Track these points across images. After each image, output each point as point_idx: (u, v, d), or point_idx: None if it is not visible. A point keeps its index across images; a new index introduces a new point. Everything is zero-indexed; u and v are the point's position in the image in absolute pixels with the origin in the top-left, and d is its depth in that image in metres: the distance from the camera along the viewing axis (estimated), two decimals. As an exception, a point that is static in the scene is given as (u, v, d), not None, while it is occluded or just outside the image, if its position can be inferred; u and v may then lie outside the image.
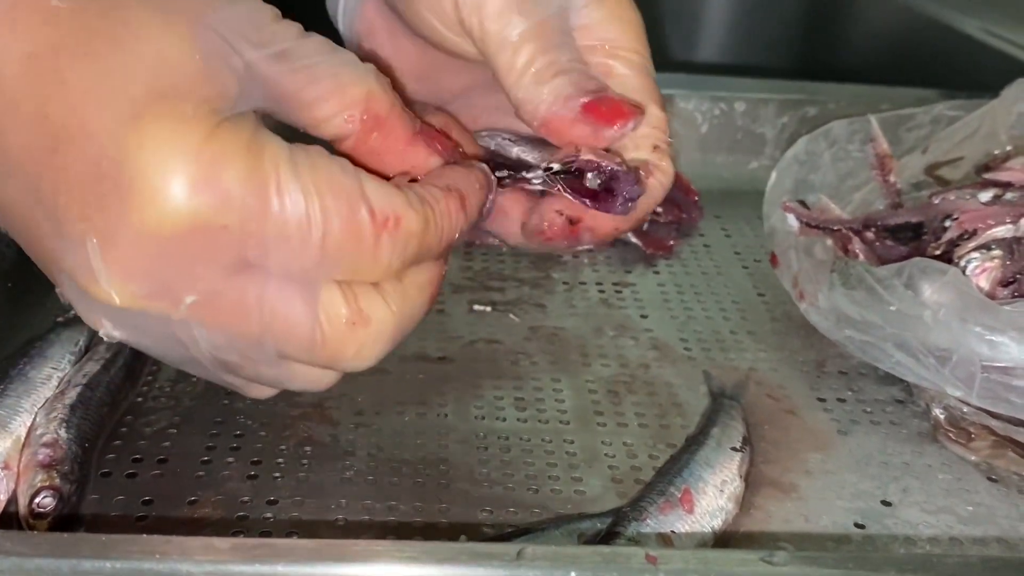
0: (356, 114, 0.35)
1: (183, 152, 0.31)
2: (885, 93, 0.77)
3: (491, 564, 0.31)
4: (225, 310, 0.34)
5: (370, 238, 0.33)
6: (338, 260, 0.33)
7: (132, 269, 0.32)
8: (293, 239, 0.32)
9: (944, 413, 0.48)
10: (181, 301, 0.33)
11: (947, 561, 0.33)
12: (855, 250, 0.54)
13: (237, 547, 0.30)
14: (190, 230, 0.31)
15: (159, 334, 0.35)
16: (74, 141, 0.31)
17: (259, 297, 0.34)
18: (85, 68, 0.31)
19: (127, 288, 0.32)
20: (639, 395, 0.51)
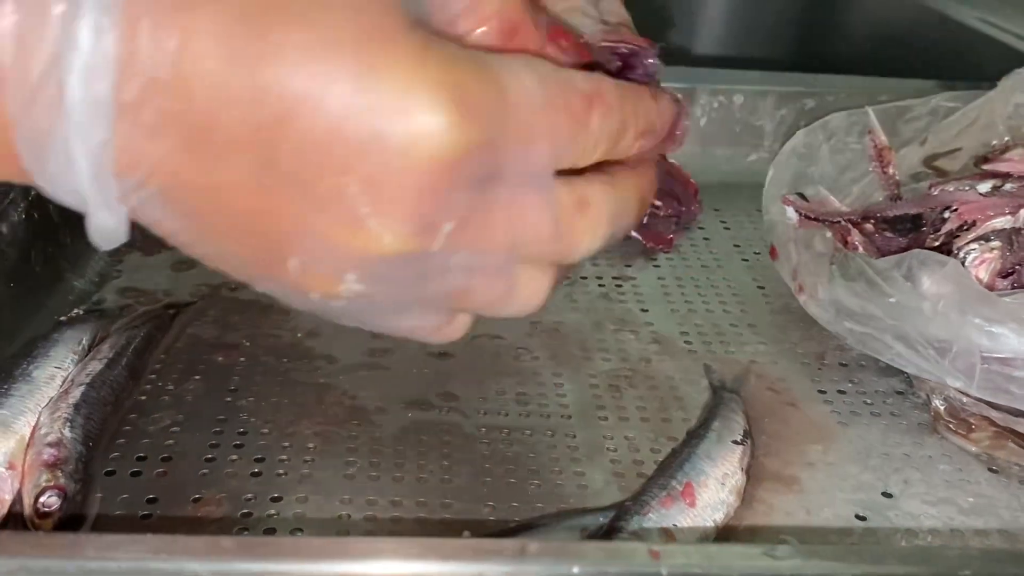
0: (495, 25, 0.36)
1: (432, 86, 0.31)
2: (883, 84, 0.77)
3: (494, 560, 0.31)
4: (479, 227, 0.34)
5: (583, 114, 0.34)
6: (565, 146, 0.34)
7: (401, 209, 0.32)
8: (529, 134, 0.33)
9: (944, 404, 0.48)
10: (440, 231, 0.33)
11: (948, 553, 0.34)
12: (854, 242, 0.55)
13: (242, 545, 0.31)
14: (455, 158, 0.32)
15: (407, 276, 0.35)
16: (307, 104, 0.31)
17: (508, 205, 0.34)
18: (290, 31, 0.31)
19: (398, 228, 0.32)
20: (640, 389, 0.51)
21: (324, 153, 0.31)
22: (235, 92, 0.31)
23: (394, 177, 0.32)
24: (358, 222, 0.32)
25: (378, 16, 0.32)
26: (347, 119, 0.31)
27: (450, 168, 0.32)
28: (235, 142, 0.31)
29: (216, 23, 0.30)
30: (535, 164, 0.34)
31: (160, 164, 0.32)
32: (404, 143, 0.31)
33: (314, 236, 0.33)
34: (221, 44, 0.30)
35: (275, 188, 0.32)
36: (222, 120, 0.31)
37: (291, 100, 0.31)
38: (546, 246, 0.36)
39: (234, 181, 0.32)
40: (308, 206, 0.32)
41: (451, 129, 0.31)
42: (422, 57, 0.31)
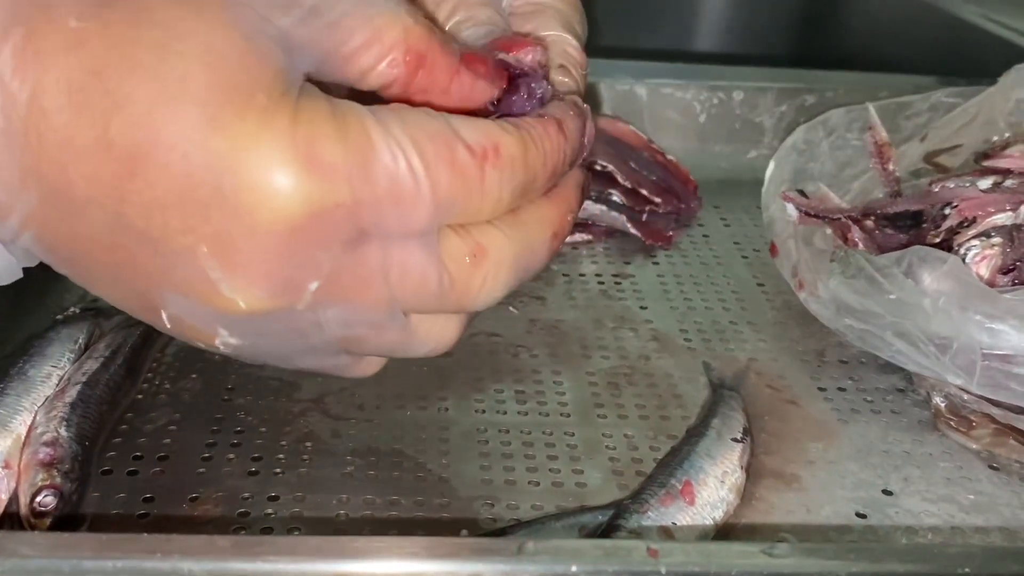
0: (398, 56, 0.33)
1: (278, 143, 0.30)
2: (883, 80, 0.77)
3: (492, 559, 0.31)
4: (349, 286, 0.33)
5: (475, 174, 0.32)
6: (450, 204, 0.32)
7: (253, 271, 0.31)
8: (403, 195, 0.31)
9: (945, 401, 0.48)
10: (305, 290, 0.32)
11: (949, 551, 0.33)
12: (854, 239, 0.54)
13: (239, 544, 0.30)
14: (306, 218, 0.30)
15: (280, 330, 0.34)
16: (152, 159, 0.30)
17: (383, 262, 0.33)
18: (138, 83, 0.30)
19: (251, 291, 0.31)
20: (639, 387, 0.51)
21: (171, 211, 0.30)
22: (83, 146, 0.30)
23: (241, 238, 0.30)
24: (211, 284, 0.31)
25: (234, 70, 0.30)
26: (191, 176, 0.30)
27: (301, 229, 0.30)
28: (86, 198, 0.30)
29: (66, 75, 0.30)
30: (414, 224, 0.32)
31: (29, 216, 0.31)
32: (248, 203, 0.30)
33: (174, 293, 0.32)
34: (71, 97, 0.30)
35: (129, 245, 0.31)
36: (72, 175, 0.30)
37: (136, 154, 0.30)
38: (436, 300, 0.35)
39: (91, 236, 0.31)
40: (162, 264, 0.31)
41: (298, 189, 0.30)
42: (273, 113, 0.30)
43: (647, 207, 0.66)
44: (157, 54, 0.30)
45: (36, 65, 0.30)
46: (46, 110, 0.30)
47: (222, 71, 0.30)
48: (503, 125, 0.34)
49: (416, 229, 0.33)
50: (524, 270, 0.36)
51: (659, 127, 0.73)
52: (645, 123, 0.73)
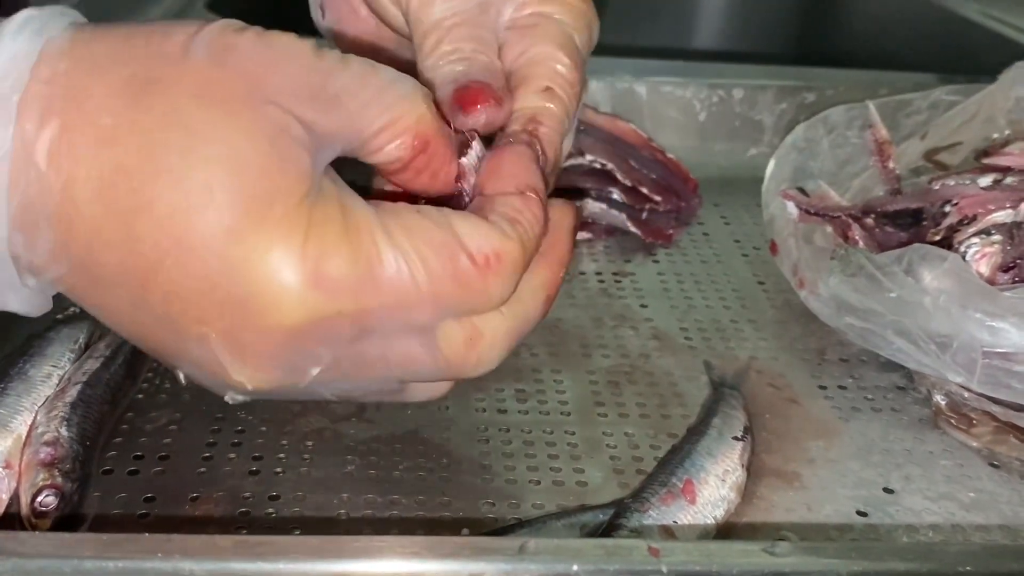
0: (407, 141, 0.36)
1: (289, 259, 0.32)
2: (883, 78, 0.77)
3: (494, 558, 0.31)
4: (350, 370, 0.35)
5: (477, 282, 0.34)
6: (451, 307, 0.35)
7: (260, 362, 0.34)
8: (405, 303, 0.33)
9: (945, 399, 0.48)
10: (307, 374, 0.35)
11: (950, 549, 0.33)
12: (855, 237, 0.54)
13: (239, 544, 0.30)
14: (310, 324, 0.33)
15: (284, 394, 0.37)
16: (173, 257, 0.32)
17: (382, 353, 0.35)
18: (162, 187, 0.31)
19: (257, 376, 0.34)
20: (640, 385, 0.51)
21: (188, 304, 0.33)
22: (110, 237, 0.32)
23: (249, 335, 0.33)
24: (221, 366, 0.34)
25: (255, 178, 0.32)
26: (208, 278, 0.32)
27: (305, 332, 0.33)
28: (112, 279, 0.33)
29: (96, 172, 0.31)
30: (414, 323, 0.34)
31: (60, 279, 0.34)
32: (258, 306, 0.32)
33: (188, 364, 0.35)
34: (100, 194, 0.32)
35: (148, 323, 0.34)
36: (100, 260, 0.32)
37: (159, 252, 0.32)
38: (431, 377, 0.37)
39: (116, 308, 0.34)
40: (178, 342, 0.34)
41: (303, 302, 0.32)
42: (287, 226, 0.32)
43: (647, 205, 0.65)
44: (183, 159, 0.31)
45: (70, 158, 0.31)
46: (77, 202, 0.32)
47: (244, 179, 0.32)
48: (503, 229, 0.35)
49: (416, 328, 0.35)
50: (518, 338, 0.38)
51: (659, 125, 0.73)
52: (645, 121, 0.73)
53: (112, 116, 0.31)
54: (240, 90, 0.32)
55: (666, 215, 0.66)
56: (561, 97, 0.41)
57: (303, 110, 0.33)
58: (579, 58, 0.42)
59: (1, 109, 0.31)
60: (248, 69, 0.33)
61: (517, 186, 0.37)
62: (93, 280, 0.33)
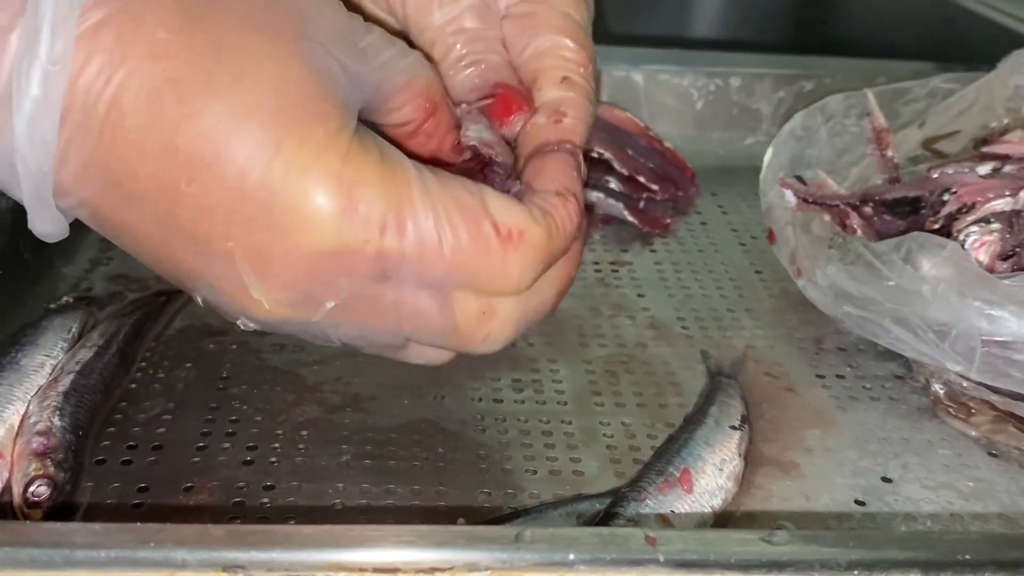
0: (421, 102, 0.38)
1: (327, 179, 0.33)
2: (881, 66, 0.76)
3: (490, 547, 0.30)
4: (362, 312, 0.36)
5: (497, 252, 0.35)
6: (467, 274, 0.35)
7: (280, 282, 0.34)
8: (426, 254, 0.34)
9: (944, 388, 0.48)
10: (322, 307, 0.35)
11: (948, 538, 0.33)
12: (853, 225, 0.54)
13: (232, 534, 0.30)
14: (336, 250, 0.33)
15: (293, 329, 0.37)
16: (212, 170, 0.32)
17: (395, 301, 0.36)
18: (211, 99, 0.32)
19: (275, 298, 0.34)
20: (637, 375, 0.50)
21: (217, 219, 0.33)
22: (151, 148, 0.32)
23: (275, 253, 0.33)
24: (241, 286, 0.34)
25: (301, 100, 0.33)
26: (242, 192, 0.33)
27: (330, 257, 0.34)
28: (145, 193, 0.33)
29: (147, 81, 0.32)
30: (430, 279, 0.35)
31: (85, 199, 0.34)
32: (288, 224, 0.33)
33: (208, 285, 0.35)
34: (148, 102, 0.32)
35: (174, 240, 0.34)
36: (137, 171, 0.33)
37: (198, 163, 0.33)
38: (437, 340, 0.38)
39: (142, 226, 0.34)
40: (201, 261, 0.34)
41: (333, 226, 0.33)
42: (327, 147, 0.33)
43: (644, 194, 0.65)
44: (233, 75, 0.33)
45: (122, 68, 0.32)
46: (123, 110, 0.32)
47: (290, 99, 0.33)
48: (533, 213, 0.36)
49: (433, 284, 0.35)
50: (528, 325, 0.39)
51: (656, 114, 0.73)
52: (642, 110, 0.72)
53: (167, 31, 0.32)
54: (289, 24, 0.34)
55: (663, 204, 0.66)
56: (579, 83, 0.42)
57: (339, 53, 0.35)
58: (583, 36, 0.43)
59: (63, 21, 0.31)
60: (296, 8, 0.34)
61: (556, 188, 0.38)
62: (124, 197, 0.33)
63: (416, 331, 0.37)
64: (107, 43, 0.32)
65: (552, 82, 0.42)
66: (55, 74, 0.31)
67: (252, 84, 0.33)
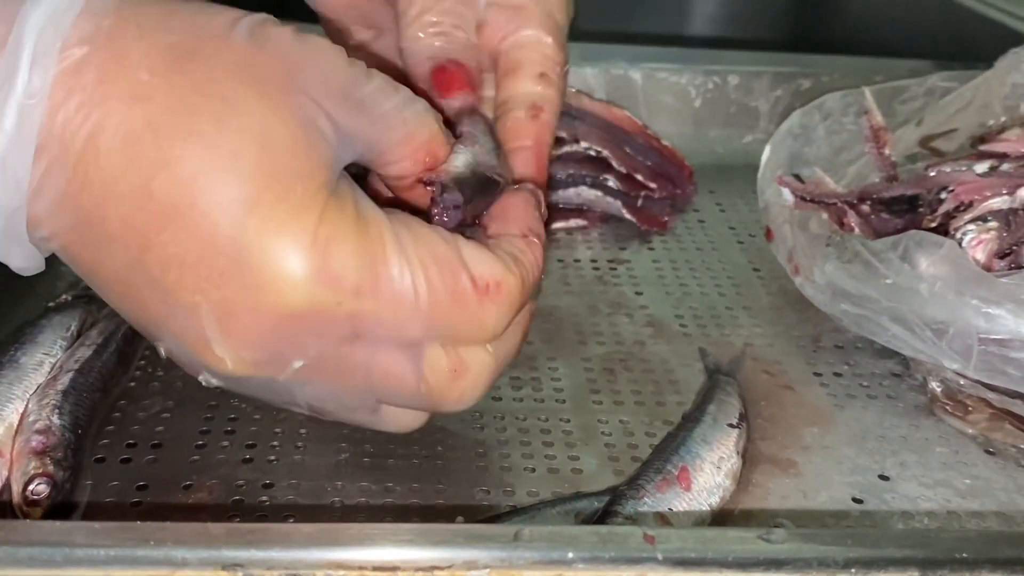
0: (421, 156, 0.37)
1: (301, 240, 0.32)
2: (879, 65, 0.76)
3: (488, 545, 0.30)
4: (331, 372, 0.35)
5: (474, 305, 0.35)
6: (444, 327, 0.35)
7: (246, 340, 0.33)
8: (401, 311, 0.34)
9: (941, 386, 0.48)
10: (288, 366, 0.34)
11: (945, 535, 0.33)
12: (850, 223, 0.54)
13: (232, 532, 0.30)
14: (307, 311, 0.33)
15: (257, 387, 0.37)
16: (185, 220, 0.32)
17: (367, 362, 0.35)
18: (191, 148, 0.32)
19: (240, 356, 0.34)
20: (635, 372, 0.51)
21: (186, 270, 0.32)
22: (124, 191, 0.32)
23: (242, 310, 0.33)
24: (205, 341, 0.33)
25: (282, 156, 0.32)
26: (214, 244, 0.32)
27: (299, 317, 0.33)
28: (115, 236, 0.33)
29: (126, 124, 0.32)
30: (405, 337, 0.35)
31: (55, 234, 0.33)
32: (259, 282, 0.32)
33: (171, 337, 0.35)
34: (125, 145, 0.32)
35: (141, 286, 0.34)
36: (108, 213, 0.32)
37: (171, 212, 0.32)
38: (410, 402, 0.37)
39: (111, 268, 0.34)
40: (166, 311, 0.34)
41: (305, 287, 0.32)
42: (304, 208, 0.32)
43: (642, 192, 0.65)
44: (215, 125, 0.32)
45: (101, 107, 0.31)
46: (99, 150, 0.32)
47: (271, 155, 0.32)
48: (506, 262, 0.36)
49: (406, 342, 0.35)
50: (498, 375, 0.39)
51: (654, 112, 0.73)
52: (640, 108, 0.72)
53: (150, 74, 0.32)
54: (276, 74, 0.33)
55: (661, 202, 0.66)
56: (554, 81, 0.43)
57: (331, 107, 0.34)
58: (562, 38, 0.45)
59: (43, 56, 0.31)
60: (285, 57, 0.34)
61: (521, 229, 0.38)
62: (94, 237, 0.33)
63: (388, 391, 0.37)
64: (88, 81, 0.31)
65: (530, 75, 0.43)
66: (31, 108, 0.31)
67: (234, 137, 0.32)
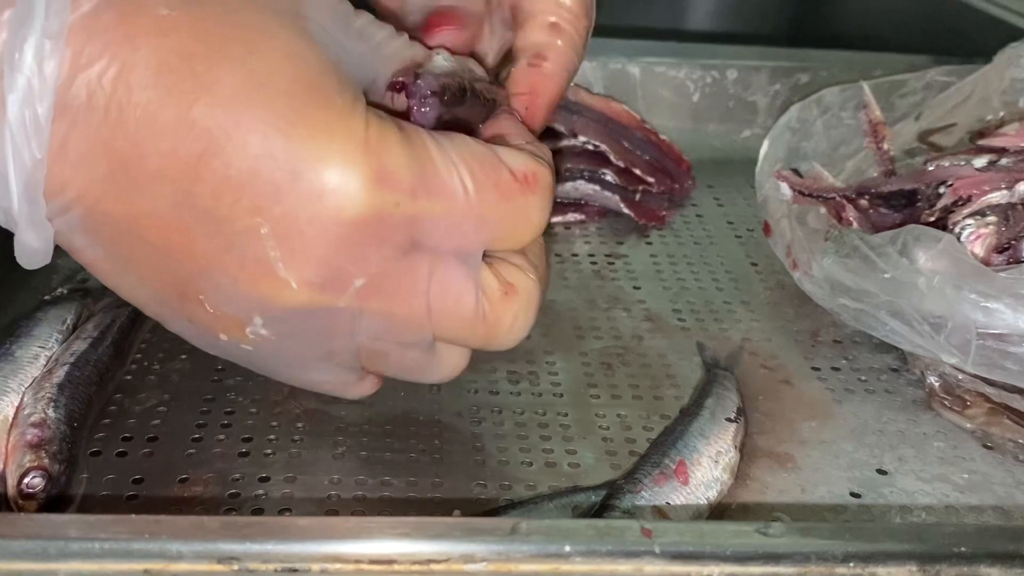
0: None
1: (355, 144, 0.32)
2: (877, 59, 0.76)
3: (486, 539, 0.30)
4: (392, 292, 0.34)
5: (519, 196, 0.35)
6: (496, 223, 0.35)
7: (310, 256, 0.33)
8: (455, 208, 0.34)
9: (939, 381, 0.48)
10: (351, 286, 0.34)
11: (943, 530, 0.33)
12: (849, 218, 0.54)
13: (227, 525, 0.30)
14: (368, 217, 0.32)
15: (312, 329, 0.35)
16: (232, 140, 0.31)
17: (427, 275, 0.35)
18: (227, 70, 0.31)
19: (304, 275, 0.33)
20: (632, 367, 0.50)
21: (241, 192, 0.32)
22: (164, 124, 0.31)
23: (304, 224, 0.32)
24: (267, 264, 0.33)
25: (316, 72, 0.33)
26: (267, 161, 0.31)
27: (361, 225, 0.32)
28: (158, 174, 0.32)
29: (156, 56, 0.31)
30: (462, 239, 0.35)
31: (84, 192, 0.32)
32: (317, 192, 0.32)
33: (225, 274, 0.33)
34: (158, 77, 0.31)
35: (191, 223, 0.32)
36: (148, 151, 0.31)
37: (217, 136, 0.31)
38: (467, 327, 0.37)
39: (152, 213, 0.33)
40: (221, 243, 0.33)
41: (364, 189, 0.32)
42: (350, 116, 0.32)
43: (640, 187, 0.65)
44: (245, 48, 0.32)
45: (127, 45, 0.31)
46: (131, 87, 0.31)
47: (306, 70, 0.32)
48: (536, 156, 0.36)
49: (463, 245, 0.35)
50: (541, 303, 0.39)
51: (652, 106, 0.73)
52: (638, 102, 0.72)
53: (169, 8, 0.31)
54: (288, 5, 0.34)
55: (659, 197, 0.66)
56: (567, 31, 0.42)
57: (340, 36, 0.35)
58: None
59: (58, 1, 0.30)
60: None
61: (523, 139, 0.39)
62: (132, 181, 0.32)
63: (446, 315, 0.36)
64: (109, 22, 0.31)
65: (539, 25, 0.42)
66: (51, 50, 0.30)
67: (265, 56, 0.32)
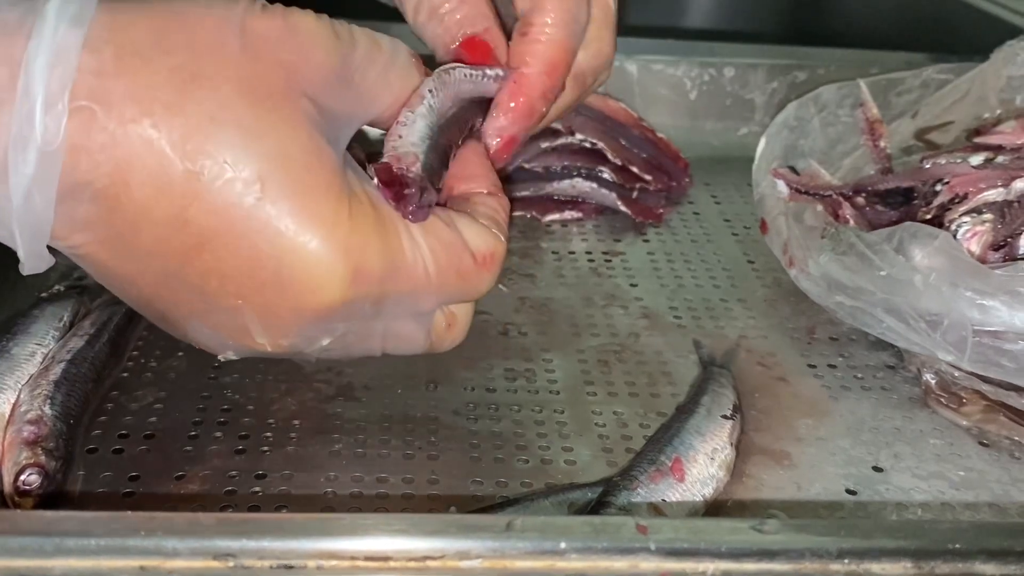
0: None
1: (335, 252, 0.35)
2: (874, 57, 0.76)
3: (481, 535, 0.30)
4: (353, 342, 0.39)
5: (475, 277, 0.39)
6: (450, 296, 0.39)
7: (286, 332, 0.36)
8: (416, 291, 0.37)
9: (935, 378, 0.48)
10: (319, 344, 0.38)
11: (938, 527, 0.33)
12: (845, 215, 0.54)
13: (223, 522, 0.30)
14: (341, 305, 0.36)
15: (285, 356, 0.39)
16: (223, 240, 0.34)
17: (383, 331, 0.39)
18: (220, 169, 0.33)
19: (278, 343, 0.37)
20: (629, 364, 0.50)
21: (227, 281, 0.35)
22: (159, 218, 0.33)
23: (284, 311, 0.36)
24: (245, 331, 0.36)
25: (304, 172, 0.34)
26: (254, 260, 0.34)
27: (334, 311, 0.36)
28: (150, 252, 0.34)
29: (156, 152, 0.33)
30: (418, 308, 0.39)
31: (82, 248, 0.35)
32: (298, 291, 0.35)
33: (206, 326, 0.37)
34: (155, 178, 0.33)
35: (178, 288, 0.35)
36: (142, 234, 0.34)
37: (209, 235, 0.34)
38: (412, 352, 0.41)
39: (143, 277, 0.35)
40: (204, 309, 0.36)
41: (340, 288, 0.36)
42: (334, 223, 0.35)
43: (637, 184, 0.65)
44: (238, 152, 0.33)
45: (124, 145, 0.32)
46: (129, 184, 0.33)
47: (294, 174, 0.34)
48: (493, 231, 0.40)
49: (419, 309, 0.39)
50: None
51: (650, 104, 0.73)
52: (636, 100, 0.72)
53: (163, 107, 0.33)
54: (279, 84, 0.34)
55: (656, 194, 0.66)
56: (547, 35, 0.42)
57: (328, 98, 0.36)
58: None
59: (54, 102, 0.32)
60: (282, 60, 0.35)
61: (487, 186, 0.41)
62: (126, 251, 0.34)
63: (398, 350, 0.40)
64: (104, 119, 0.32)
65: None
66: (51, 156, 0.32)
67: (256, 162, 0.33)
